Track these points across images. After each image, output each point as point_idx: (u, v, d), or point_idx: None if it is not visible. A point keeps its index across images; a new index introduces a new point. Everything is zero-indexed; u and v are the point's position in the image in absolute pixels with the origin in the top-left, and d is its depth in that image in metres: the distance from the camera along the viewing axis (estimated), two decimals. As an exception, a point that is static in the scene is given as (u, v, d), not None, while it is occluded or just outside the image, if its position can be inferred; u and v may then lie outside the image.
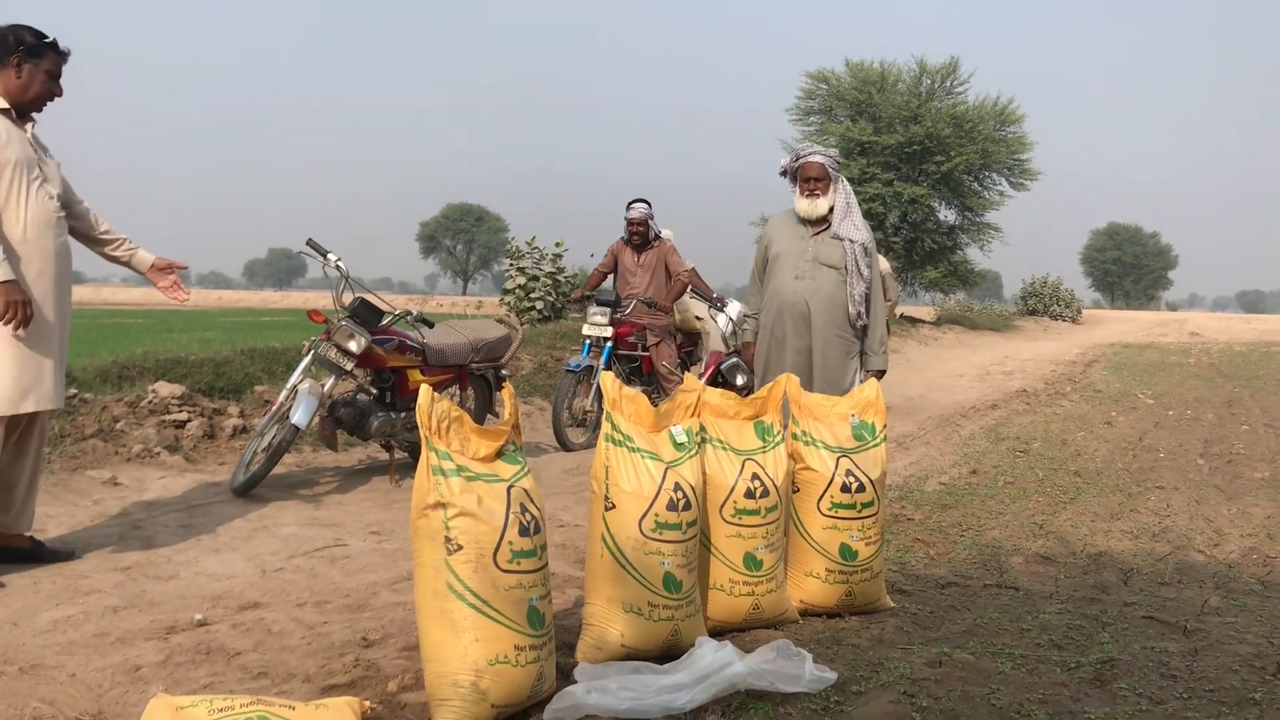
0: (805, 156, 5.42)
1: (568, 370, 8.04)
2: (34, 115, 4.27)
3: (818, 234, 5.41)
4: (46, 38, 4.16)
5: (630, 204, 8.69)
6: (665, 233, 8.92)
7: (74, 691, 3.11)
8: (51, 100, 4.25)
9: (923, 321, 26.88)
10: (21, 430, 4.26)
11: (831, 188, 5.39)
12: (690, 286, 8.74)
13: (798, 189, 5.44)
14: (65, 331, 4.31)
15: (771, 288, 5.51)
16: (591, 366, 8.02)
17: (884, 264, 9.47)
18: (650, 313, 8.46)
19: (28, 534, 4.36)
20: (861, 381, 5.26)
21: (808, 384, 5.12)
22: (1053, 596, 4.25)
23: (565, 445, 7.82)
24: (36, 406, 4.14)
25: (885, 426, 4.09)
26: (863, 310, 5.38)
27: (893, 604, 4.05)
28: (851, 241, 5.34)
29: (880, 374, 5.34)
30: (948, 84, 32.45)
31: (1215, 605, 4.18)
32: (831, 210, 5.38)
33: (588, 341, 8.20)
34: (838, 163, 5.44)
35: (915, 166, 31.44)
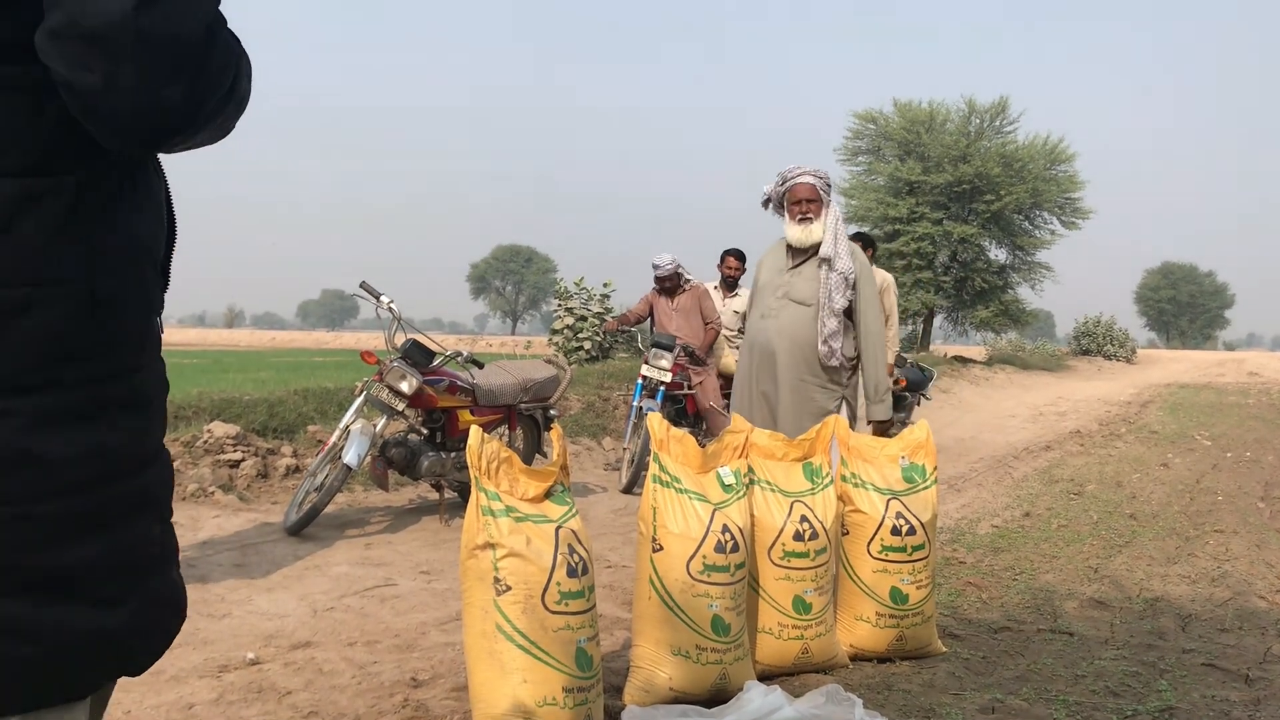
0: (795, 178, 4.93)
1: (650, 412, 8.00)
2: None
3: (797, 266, 4.97)
4: None
5: (655, 259, 8.80)
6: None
7: (129, 729, 3.15)
8: None
9: (974, 361, 26.64)
10: None
11: (824, 210, 4.93)
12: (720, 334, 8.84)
13: (787, 215, 4.98)
14: None
15: (748, 326, 5.20)
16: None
17: (883, 275, 8.64)
18: (691, 360, 8.49)
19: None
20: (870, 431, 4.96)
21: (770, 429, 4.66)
22: (1108, 642, 4.18)
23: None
24: None
25: (936, 469, 4.06)
26: (834, 348, 4.86)
27: (944, 649, 4.00)
28: (832, 270, 4.84)
29: (885, 425, 5.00)
30: (997, 123, 32.36)
31: (1278, 653, 4.08)
32: (823, 236, 4.93)
33: (640, 382, 8.20)
34: (829, 183, 5.00)
35: (965, 205, 31.32)
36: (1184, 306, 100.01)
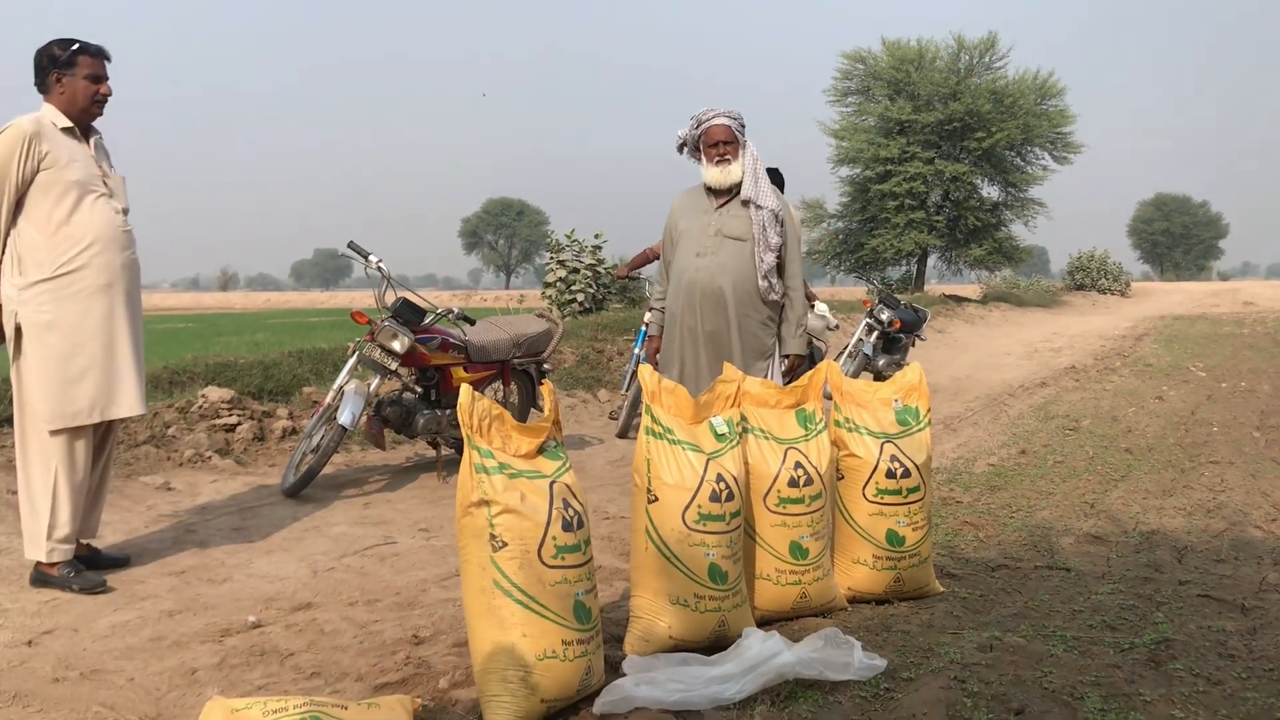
0: (709, 120, 4.89)
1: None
2: (97, 128, 4.38)
3: (723, 205, 4.93)
4: (74, 44, 4.23)
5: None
6: None
7: (133, 695, 3.17)
8: (103, 102, 4.31)
9: (969, 300, 26.62)
10: (97, 440, 4.37)
11: (740, 152, 4.90)
12: None
13: (704, 158, 4.94)
14: (139, 341, 4.43)
15: (675, 270, 5.02)
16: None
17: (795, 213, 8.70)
18: None
19: (85, 541, 4.45)
20: (783, 367, 4.95)
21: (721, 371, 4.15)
22: (1105, 577, 4.20)
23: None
24: (112, 415, 4.27)
25: (929, 410, 4.05)
26: (774, 283, 4.88)
27: (942, 589, 4.02)
28: (759, 208, 4.84)
29: (800, 359, 4.98)
30: (986, 59, 32.06)
31: (1274, 581, 4.10)
32: (742, 177, 4.90)
33: (644, 329, 8.17)
34: (743, 124, 4.94)
35: (956, 144, 31.11)
36: (1178, 238, 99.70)
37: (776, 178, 8.63)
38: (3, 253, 4.15)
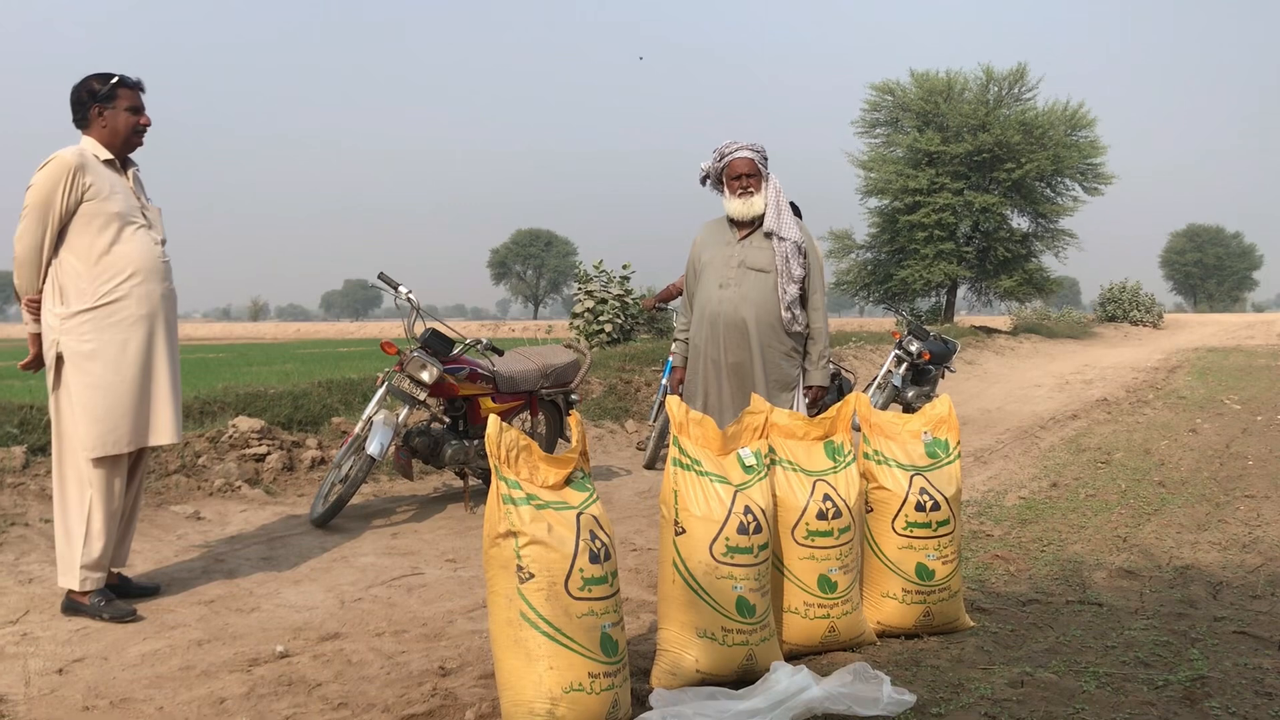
0: (732, 153, 4.93)
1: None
2: (134, 160, 4.46)
3: (746, 237, 4.98)
4: (113, 78, 4.32)
5: None
6: None
7: (161, 724, 3.18)
8: (143, 132, 4.41)
9: (999, 331, 26.47)
10: (129, 468, 4.42)
11: (763, 184, 4.94)
12: None
13: (726, 190, 4.98)
14: (176, 370, 4.49)
15: (698, 302, 5.09)
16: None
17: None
18: None
19: (115, 570, 4.48)
20: (805, 399, 4.97)
21: (745, 402, 4.18)
22: (1138, 612, 4.15)
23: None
24: (150, 442, 4.35)
25: (959, 443, 4.03)
26: (797, 314, 4.91)
27: (972, 623, 3.98)
28: (782, 240, 4.88)
29: (822, 391, 5.01)
30: (1015, 90, 32.02)
31: (1311, 618, 4.04)
32: (765, 209, 4.94)
33: (671, 360, 8.17)
34: (765, 157, 4.98)
35: (985, 175, 31.05)
36: (1211, 269, 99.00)
37: (794, 211, 8.66)
38: (45, 283, 4.22)
